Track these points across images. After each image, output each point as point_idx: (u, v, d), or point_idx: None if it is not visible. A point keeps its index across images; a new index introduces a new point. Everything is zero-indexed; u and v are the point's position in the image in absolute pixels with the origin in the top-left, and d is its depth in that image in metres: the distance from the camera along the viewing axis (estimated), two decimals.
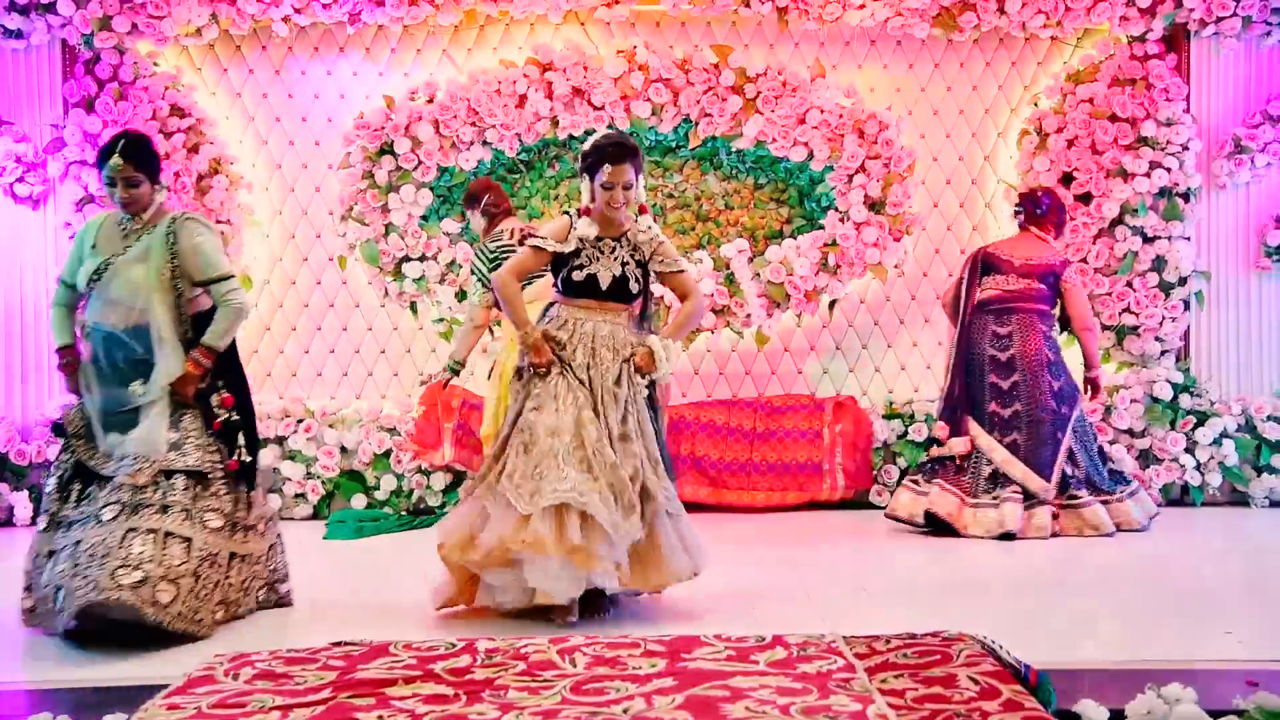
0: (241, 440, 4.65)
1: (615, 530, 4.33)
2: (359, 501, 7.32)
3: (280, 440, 7.39)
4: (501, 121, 7.36)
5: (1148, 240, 7.48)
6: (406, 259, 7.43)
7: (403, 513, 7.26)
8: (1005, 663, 3.50)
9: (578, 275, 4.61)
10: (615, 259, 4.63)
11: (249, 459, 4.66)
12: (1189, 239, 7.51)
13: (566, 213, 4.70)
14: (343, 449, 7.39)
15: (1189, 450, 7.34)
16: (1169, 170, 7.41)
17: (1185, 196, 7.50)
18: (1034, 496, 6.36)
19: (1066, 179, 7.53)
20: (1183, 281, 7.49)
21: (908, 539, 6.47)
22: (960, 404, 6.66)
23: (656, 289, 5.11)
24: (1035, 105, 7.74)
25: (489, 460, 4.61)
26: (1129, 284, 7.47)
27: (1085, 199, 7.51)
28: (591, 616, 4.53)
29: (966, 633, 3.80)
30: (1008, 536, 6.25)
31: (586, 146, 4.69)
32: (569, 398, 4.49)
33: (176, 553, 4.28)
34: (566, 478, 4.32)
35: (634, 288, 4.67)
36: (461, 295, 7.24)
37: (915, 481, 6.65)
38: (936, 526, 6.44)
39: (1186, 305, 7.52)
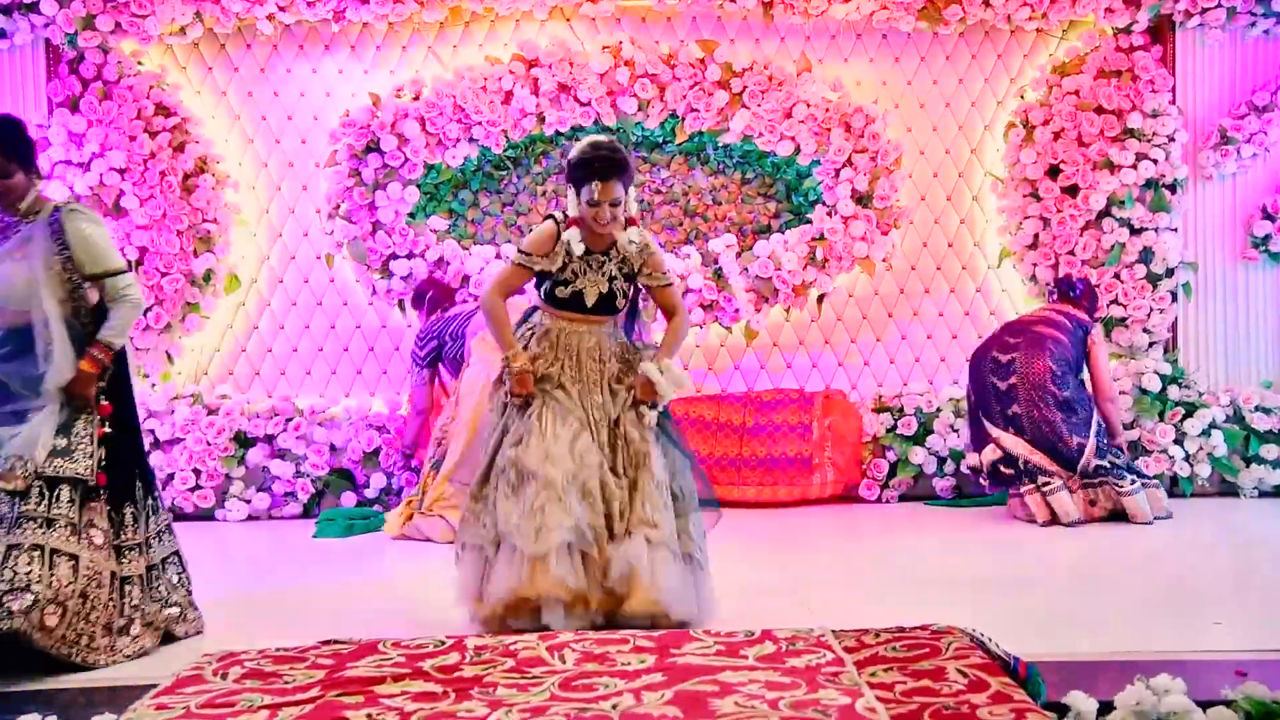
0: (101, 452, 4.15)
1: (609, 565, 4.21)
2: (348, 500, 7.31)
3: (269, 439, 7.37)
4: (488, 118, 7.35)
5: (1135, 232, 7.49)
6: (394, 256, 7.42)
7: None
8: (994, 655, 3.50)
9: (562, 292, 4.39)
10: (603, 275, 4.41)
11: (108, 476, 4.17)
12: (1176, 230, 7.53)
13: (551, 217, 4.47)
14: (332, 447, 7.38)
15: (1178, 441, 7.33)
16: (1155, 162, 7.42)
17: (1172, 188, 7.51)
18: (1066, 484, 6.44)
19: (1053, 171, 7.54)
20: (1170, 273, 7.50)
21: (895, 532, 6.48)
22: (973, 414, 6.80)
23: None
24: (1021, 98, 7.74)
25: (470, 504, 4.41)
26: (1116, 276, 7.48)
27: (1072, 191, 7.51)
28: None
29: (955, 626, 3.80)
30: (1076, 523, 6.36)
31: (573, 156, 4.43)
32: (558, 426, 4.29)
33: (64, 573, 3.93)
34: (571, 510, 4.17)
35: (620, 304, 4.47)
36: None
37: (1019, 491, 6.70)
38: (1055, 518, 6.45)
39: (1174, 296, 7.53)
